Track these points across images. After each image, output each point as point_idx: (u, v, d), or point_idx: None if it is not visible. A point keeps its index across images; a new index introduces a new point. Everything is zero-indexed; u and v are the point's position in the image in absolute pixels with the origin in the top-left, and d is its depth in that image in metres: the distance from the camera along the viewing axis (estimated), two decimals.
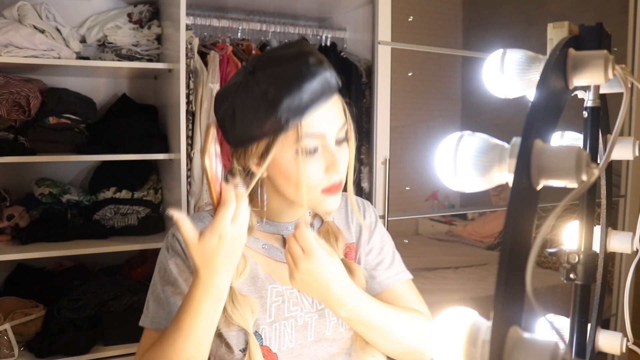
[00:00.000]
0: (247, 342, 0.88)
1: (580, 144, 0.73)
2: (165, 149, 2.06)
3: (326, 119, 0.85)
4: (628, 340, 0.73)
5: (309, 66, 0.82)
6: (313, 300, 0.95)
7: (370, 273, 1.00)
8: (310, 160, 0.85)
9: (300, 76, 0.81)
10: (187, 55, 1.93)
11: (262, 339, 0.90)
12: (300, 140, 0.83)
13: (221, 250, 0.76)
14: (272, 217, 0.96)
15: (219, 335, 0.89)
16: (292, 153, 0.84)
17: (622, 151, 0.75)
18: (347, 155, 0.89)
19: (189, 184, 1.97)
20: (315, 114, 0.83)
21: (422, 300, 1.02)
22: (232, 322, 0.88)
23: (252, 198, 0.93)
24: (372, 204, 2.25)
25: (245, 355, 0.88)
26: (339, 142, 0.87)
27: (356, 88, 2.21)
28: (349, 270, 0.93)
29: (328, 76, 0.84)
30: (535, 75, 0.64)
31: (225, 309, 0.85)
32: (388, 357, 0.99)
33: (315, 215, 1.02)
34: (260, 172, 0.87)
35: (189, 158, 1.97)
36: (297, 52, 0.85)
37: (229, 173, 0.91)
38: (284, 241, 0.96)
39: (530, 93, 0.66)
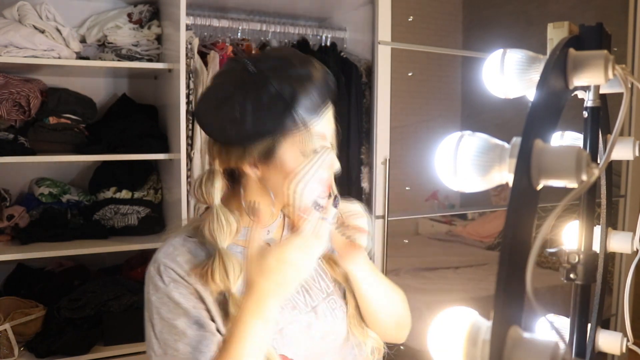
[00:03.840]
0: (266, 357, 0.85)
1: (580, 144, 0.73)
2: (165, 149, 2.06)
3: (328, 121, 0.89)
4: (628, 340, 0.73)
5: (317, 69, 0.87)
6: (305, 300, 0.94)
7: None
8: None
9: (312, 78, 0.85)
10: (187, 55, 1.93)
11: (276, 348, 0.88)
12: (310, 139, 0.85)
13: (279, 274, 0.76)
14: (250, 223, 0.91)
15: None
16: (297, 152, 0.86)
17: (622, 151, 0.75)
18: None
19: (189, 184, 1.97)
20: (324, 120, 0.87)
21: None
22: None
23: (235, 199, 0.92)
24: (372, 204, 2.26)
25: None
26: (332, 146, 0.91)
27: (356, 88, 2.21)
28: (329, 262, 0.99)
29: (330, 80, 0.88)
30: (535, 75, 0.64)
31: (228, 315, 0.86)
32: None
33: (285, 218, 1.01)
34: (255, 172, 0.88)
35: (189, 158, 1.97)
36: (299, 55, 0.89)
37: (208, 172, 0.90)
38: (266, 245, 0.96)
39: (530, 93, 0.66)
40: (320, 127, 0.87)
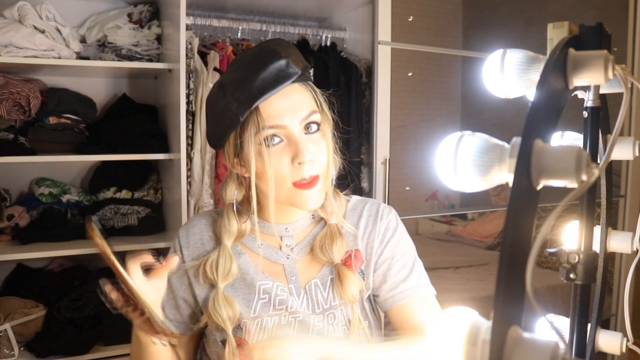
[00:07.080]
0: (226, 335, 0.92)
1: (580, 144, 0.73)
2: (165, 149, 2.06)
3: (287, 109, 0.85)
4: (628, 340, 0.73)
5: (260, 58, 0.85)
6: (302, 302, 0.94)
7: (380, 286, 0.97)
8: (274, 150, 0.85)
9: (249, 68, 0.84)
10: (187, 55, 1.93)
11: (242, 331, 0.92)
12: (259, 131, 0.84)
13: None
14: (269, 218, 0.95)
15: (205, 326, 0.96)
16: (257, 146, 0.85)
17: (622, 151, 0.75)
18: (321, 145, 0.88)
19: (189, 184, 1.97)
20: (273, 105, 0.84)
21: None
22: (212, 322, 0.92)
23: (247, 203, 0.96)
24: None
25: (225, 346, 0.91)
26: (309, 131, 0.87)
27: (356, 88, 2.21)
28: (340, 277, 0.93)
29: (283, 64, 0.84)
30: (535, 75, 0.64)
31: (207, 308, 0.92)
32: None
33: (320, 220, 1.00)
34: (237, 169, 0.92)
35: (189, 158, 1.97)
36: (258, 47, 0.90)
37: (229, 175, 0.96)
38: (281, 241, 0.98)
39: (530, 93, 0.66)
40: (275, 118, 0.84)
